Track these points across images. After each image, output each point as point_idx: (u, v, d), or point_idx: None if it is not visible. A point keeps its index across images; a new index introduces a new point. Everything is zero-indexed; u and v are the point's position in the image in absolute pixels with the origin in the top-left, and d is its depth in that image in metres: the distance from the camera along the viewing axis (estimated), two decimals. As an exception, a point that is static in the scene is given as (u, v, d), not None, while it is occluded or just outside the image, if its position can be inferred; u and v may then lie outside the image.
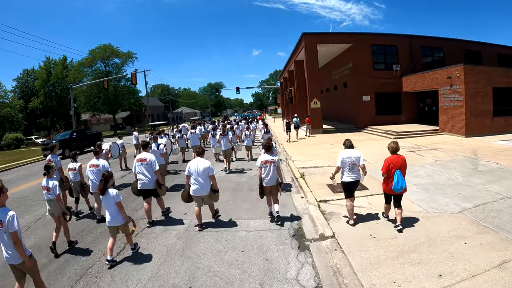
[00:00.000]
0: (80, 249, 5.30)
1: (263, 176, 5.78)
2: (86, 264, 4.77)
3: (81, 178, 6.94)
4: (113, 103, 41.82)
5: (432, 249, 4.54)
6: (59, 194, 5.14)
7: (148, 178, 6.07)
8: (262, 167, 5.77)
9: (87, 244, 5.49)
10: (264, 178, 5.78)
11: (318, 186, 7.93)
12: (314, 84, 21.32)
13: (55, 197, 5.05)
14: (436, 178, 8.18)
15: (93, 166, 6.74)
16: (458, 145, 13.23)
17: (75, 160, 7.03)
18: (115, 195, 4.65)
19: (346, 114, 24.26)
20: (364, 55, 21.20)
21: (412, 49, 22.47)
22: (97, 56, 41.93)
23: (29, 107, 45.39)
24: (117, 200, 4.64)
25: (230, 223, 6.03)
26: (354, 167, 5.43)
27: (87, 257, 4.99)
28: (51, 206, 5.18)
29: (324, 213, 6.06)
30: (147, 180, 6.08)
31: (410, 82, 20.96)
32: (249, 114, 64.81)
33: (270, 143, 6.17)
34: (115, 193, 4.67)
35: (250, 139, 13.25)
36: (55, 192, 5.05)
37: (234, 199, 7.62)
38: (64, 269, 4.65)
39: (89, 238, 5.75)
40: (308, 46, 20.91)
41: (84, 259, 4.91)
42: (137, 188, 6.23)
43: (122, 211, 4.71)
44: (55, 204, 5.10)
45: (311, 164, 10.81)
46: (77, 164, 6.95)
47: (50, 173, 5.22)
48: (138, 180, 6.15)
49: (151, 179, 6.09)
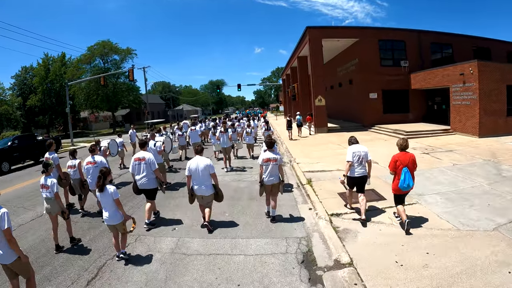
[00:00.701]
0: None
1: (264, 174, 5.64)
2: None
3: (80, 175, 6.84)
4: (112, 100, 40.93)
5: (473, 281, 3.71)
6: (58, 192, 5.06)
7: (147, 177, 5.96)
8: (264, 165, 5.65)
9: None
10: (264, 177, 5.65)
11: (328, 194, 7.05)
12: (319, 80, 20.37)
13: (53, 195, 4.98)
14: (459, 186, 7.32)
15: (90, 163, 6.72)
16: (474, 147, 12.35)
17: (74, 157, 6.98)
18: (113, 192, 4.51)
19: (352, 112, 23.29)
20: (371, 51, 20.23)
21: (421, 45, 21.51)
22: (95, 53, 41.00)
23: (27, 104, 44.67)
24: (115, 197, 4.51)
25: (224, 243, 5.09)
26: (362, 162, 5.49)
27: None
28: (49, 205, 5.09)
29: (337, 230, 5.17)
30: (146, 179, 5.96)
31: (419, 79, 19.99)
32: (251, 111, 63.32)
33: (272, 139, 5.92)
34: (113, 190, 4.53)
35: (251, 137, 13.05)
36: (53, 190, 4.97)
37: (231, 210, 6.66)
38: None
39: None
40: (313, 40, 19.94)
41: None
42: (137, 188, 6.10)
43: (121, 208, 4.57)
44: (54, 202, 5.03)
45: (318, 168, 9.94)
46: (76, 161, 6.90)
47: (48, 171, 5.13)
48: (137, 180, 6.02)
49: (150, 179, 5.98)
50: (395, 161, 4.97)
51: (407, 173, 4.85)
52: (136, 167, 6.03)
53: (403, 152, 5.01)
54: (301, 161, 11.16)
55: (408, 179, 4.84)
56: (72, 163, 6.89)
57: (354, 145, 5.64)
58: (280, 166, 5.69)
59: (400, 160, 4.93)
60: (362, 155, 5.48)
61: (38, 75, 43.99)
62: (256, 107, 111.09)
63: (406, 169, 4.86)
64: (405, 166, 4.88)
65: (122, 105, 45.40)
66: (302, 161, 11.15)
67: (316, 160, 11.28)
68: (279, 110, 72.85)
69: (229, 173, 9.98)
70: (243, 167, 11.11)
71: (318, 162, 10.88)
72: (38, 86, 44.03)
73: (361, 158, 5.47)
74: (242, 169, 10.85)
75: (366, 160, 5.51)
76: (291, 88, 30.70)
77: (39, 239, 5.70)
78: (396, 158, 4.98)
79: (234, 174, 10.03)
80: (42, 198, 5.19)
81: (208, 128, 17.82)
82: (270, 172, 5.60)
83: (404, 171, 4.85)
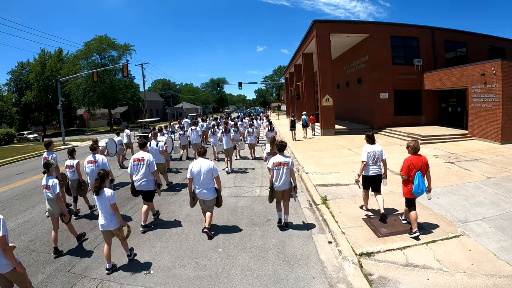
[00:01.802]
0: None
1: (275, 179, 5.36)
2: None
3: (79, 175, 6.68)
4: (109, 97, 39.63)
5: None
6: (59, 193, 4.92)
7: (145, 179, 5.82)
8: (274, 169, 5.34)
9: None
10: (275, 182, 5.36)
11: (350, 220, 5.71)
12: (326, 78, 18.93)
13: (55, 196, 4.87)
14: (505, 208, 6.06)
15: (91, 162, 6.63)
16: (499, 155, 11.09)
17: (72, 157, 6.78)
18: (110, 196, 4.32)
19: (360, 113, 21.95)
20: (383, 47, 18.89)
21: (435, 42, 20.21)
22: (92, 48, 39.70)
23: (22, 101, 43.49)
24: (112, 201, 4.31)
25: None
26: (377, 161, 5.52)
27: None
28: (51, 206, 5.00)
29: (371, 281, 3.84)
30: (144, 181, 5.82)
31: (433, 79, 18.67)
32: (252, 111, 61.38)
33: (283, 142, 5.58)
34: (110, 194, 4.34)
35: (253, 137, 12.82)
36: (55, 190, 4.86)
37: (226, 242, 5.17)
38: None
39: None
40: (320, 35, 18.53)
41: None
42: (135, 190, 5.94)
43: (117, 214, 4.37)
44: (55, 203, 4.94)
45: (332, 180, 8.65)
46: (74, 161, 6.71)
47: (50, 171, 4.99)
48: (135, 181, 5.89)
49: (148, 180, 5.84)
50: (408, 165, 4.77)
51: (420, 178, 4.67)
52: (134, 167, 5.88)
53: (415, 156, 4.81)
54: (311, 170, 9.90)
55: (422, 184, 4.66)
56: (70, 163, 6.69)
57: (370, 145, 5.62)
58: (292, 171, 5.37)
59: (413, 163, 4.74)
60: (377, 155, 5.50)
61: (34, 71, 42.77)
62: (257, 106, 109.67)
63: (419, 173, 4.67)
64: (418, 170, 4.70)
65: (120, 102, 44.15)
66: (312, 170, 9.89)
67: (328, 169, 10.02)
68: (281, 110, 71.59)
69: (226, 187, 8.54)
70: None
71: (330, 172, 9.61)
72: (34, 82, 42.82)
73: (376, 158, 5.50)
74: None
75: (381, 159, 5.53)
76: (294, 86, 29.39)
77: None
78: (409, 162, 4.77)
79: (232, 186, 8.69)
80: (45, 199, 5.06)
81: (208, 128, 17.12)
82: (282, 177, 5.29)
83: (418, 176, 4.66)
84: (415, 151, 4.82)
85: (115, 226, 4.34)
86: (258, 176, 9.88)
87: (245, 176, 9.88)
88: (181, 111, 69.20)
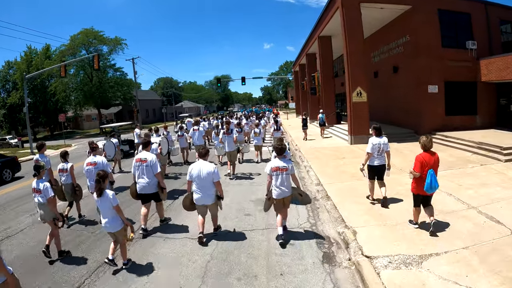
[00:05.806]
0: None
1: (275, 186, 4.87)
2: None
3: (73, 179, 6.39)
4: (96, 96, 35.56)
5: None
6: (51, 197, 4.66)
7: (148, 181, 5.51)
8: (273, 174, 4.87)
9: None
10: (275, 189, 4.88)
11: None
12: (358, 64, 14.04)
13: (46, 200, 4.64)
14: None
15: (91, 164, 6.44)
16: None
17: (66, 160, 6.46)
18: (111, 198, 4.21)
19: (396, 112, 16.81)
20: (430, 25, 14.16)
21: (490, 21, 15.49)
22: (77, 43, 35.63)
23: (8, 102, 40.01)
24: (114, 203, 4.21)
25: None
26: (382, 153, 5.93)
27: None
28: (42, 210, 4.77)
29: None
30: (147, 183, 5.51)
31: (496, 67, 13.92)
32: (257, 109, 55.85)
33: (283, 144, 5.08)
34: (111, 196, 4.22)
35: (260, 137, 11.80)
36: (46, 194, 4.63)
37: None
38: None
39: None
40: (347, 4, 13.78)
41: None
42: (136, 192, 5.64)
43: (121, 215, 4.30)
44: (46, 207, 4.71)
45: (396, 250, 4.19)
46: (68, 164, 6.40)
47: (40, 174, 4.79)
48: (137, 183, 5.59)
49: (151, 182, 5.52)
50: (421, 163, 4.67)
51: (433, 175, 4.58)
52: (136, 168, 5.58)
53: (428, 153, 4.72)
54: (356, 222, 5.38)
55: (434, 181, 4.57)
56: (63, 166, 6.37)
57: (375, 137, 5.95)
58: (293, 176, 4.93)
59: (426, 161, 4.67)
60: (382, 147, 5.89)
61: (19, 70, 39.16)
62: (263, 104, 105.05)
63: (432, 171, 4.61)
64: (431, 167, 4.63)
65: (110, 101, 40.10)
66: (357, 222, 5.37)
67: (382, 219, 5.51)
68: (289, 107, 66.88)
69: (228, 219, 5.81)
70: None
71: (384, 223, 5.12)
72: (18, 82, 39.20)
73: (381, 150, 5.90)
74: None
75: (385, 150, 5.92)
76: (308, 79, 24.79)
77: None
78: (422, 159, 4.69)
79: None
80: (35, 203, 4.88)
81: (212, 127, 16.38)
82: (282, 184, 4.82)
83: (430, 173, 4.59)
84: (426, 148, 4.71)
85: (119, 227, 4.27)
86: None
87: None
88: (181, 110, 64.74)
